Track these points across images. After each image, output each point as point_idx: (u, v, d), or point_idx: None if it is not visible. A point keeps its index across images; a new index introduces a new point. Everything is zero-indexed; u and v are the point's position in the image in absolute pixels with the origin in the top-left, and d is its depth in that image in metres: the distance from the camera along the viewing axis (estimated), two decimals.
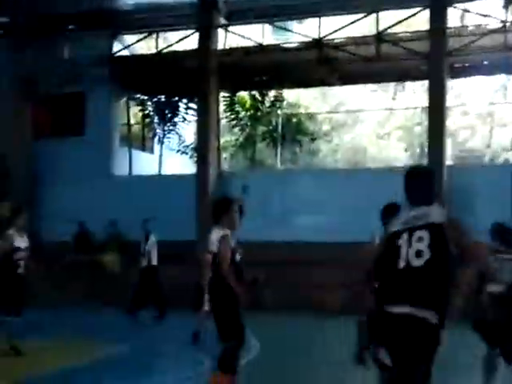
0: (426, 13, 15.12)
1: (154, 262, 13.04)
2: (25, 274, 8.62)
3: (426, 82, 14.93)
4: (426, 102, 14.64)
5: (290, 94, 19.28)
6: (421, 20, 15.85)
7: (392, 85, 18.99)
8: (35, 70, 17.43)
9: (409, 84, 17.50)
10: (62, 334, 10.19)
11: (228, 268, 6.06)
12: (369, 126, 23.78)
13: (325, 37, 15.73)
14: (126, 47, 17.33)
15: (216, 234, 6.26)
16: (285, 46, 16.36)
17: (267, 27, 17.26)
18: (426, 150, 14.77)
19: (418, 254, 4.08)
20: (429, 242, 4.08)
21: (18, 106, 17.26)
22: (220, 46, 16.68)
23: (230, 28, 16.98)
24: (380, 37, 15.25)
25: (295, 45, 16.27)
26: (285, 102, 18.52)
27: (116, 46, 17.46)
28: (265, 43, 16.22)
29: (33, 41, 17.39)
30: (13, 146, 17.22)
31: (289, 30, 16.31)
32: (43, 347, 9.30)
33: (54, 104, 18.17)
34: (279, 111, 18.32)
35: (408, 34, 15.33)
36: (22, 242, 8.58)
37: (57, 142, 17.71)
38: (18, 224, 8.55)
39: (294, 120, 19.10)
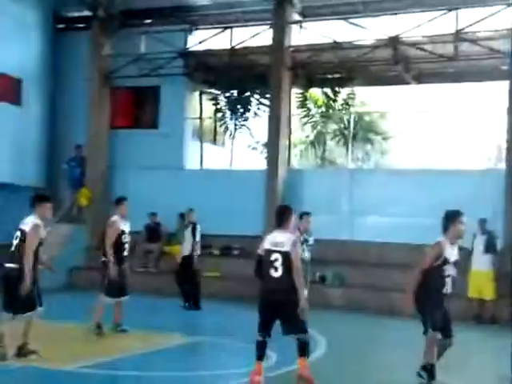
0: (508, 11, 14.66)
1: (198, 251, 13.33)
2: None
3: (506, 83, 14.45)
4: (506, 103, 14.16)
5: (363, 92, 19.07)
6: (502, 18, 15.35)
7: (470, 85, 18.47)
8: (113, 62, 17.93)
9: (488, 84, 16.98)
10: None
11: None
12: (443, 126, 23.30)
13: (401, 34, 15.47)
14: (200, 42, 17.53)
15: (283, 236, 7.17)
16: (359, 43, 16.16)
17: (341, 24, 17.09)
18: (505, 153, 14.31)
19: None
20: None
21: (96, 98, 17.76)
22: (293, 43, 16.65)
23: (304, 24, 16.92)
24: (459, 35, 14.87)
25: (370, 42, 16.06)
26: (357, 100, 18.35)
27: (191, 41, 17.69)
28: (339, 40, 16.06)
29: (112, 35, 17.87)
30: (90, 136, 17.74)
31: (363, 27, 16.09)
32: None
33: (131, 97, 18.62)
34: (351, 109, 18.17)
35: (488, 33, 14.88)
36: (125, 227, 9.91)
37: (132, 133, 18.12)
38: (120, 211, 9.95)
39: (366, 118, 18.89)
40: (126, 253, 9.99)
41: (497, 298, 12.83)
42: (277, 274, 7.05)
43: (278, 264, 7.03)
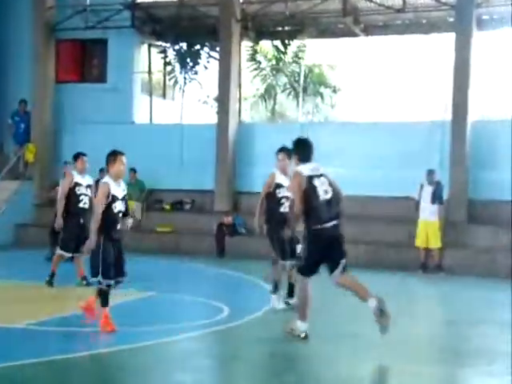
0: None
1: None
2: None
3: (453, 35, 14.59)
4: (452, 55, 14.33)
5: (313, 45, 19.00)
6: None
7: (418, 37, 18.56)
8: (57, 14, 17.37)
9: (435, 36, 17.10)
10: None
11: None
12: (392, 78, 23.44)
13: None
14: None
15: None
16: None
17: None
18: (451, 104, 14.55)
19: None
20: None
21: (40, 51, 17.24)
22: None
23: None
24: None
25: None
26: (307, 53, 18.30)
27: None
28: None
29: None
30: (35, 90, 17.27)
31: None
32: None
33: (77, 50, 18.13)
34: (301, 62, 18.12)
35: None
36: (81, 179, 10.00)
37: (79, 87, 17.72)
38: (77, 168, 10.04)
39: (316, 71, 18.88)
40: (81, 205, 9.89)
41: (442, 247, 13.25)
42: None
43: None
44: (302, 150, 7.20)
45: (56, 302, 9.12)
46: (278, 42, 17.75)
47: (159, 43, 18.44)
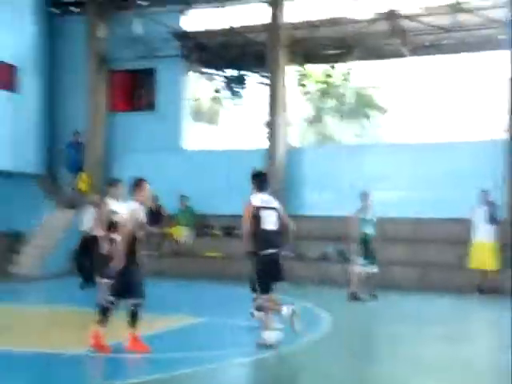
0: None
1: None
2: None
3: (506, 52, 14.33)
4: (508, 73, 14.04)
5: (360, 67, 18.95)
6: None
7: (468, 56, 18.33)
8: (109, 46, 17.83)
9: (486, 55, 16.82)
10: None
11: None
12: (441, 98, 23.17)
13: (397, 7, 15.35)
14: (195, 22, 17.40)
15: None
16: (356, 17, 16.02)
17: None
18: (506, 123, 14.23)
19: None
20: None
21: (93, 82, 17.69)
22: (290, 20, 16.52)
23: (301, 1, 16.77)
24: (456, 6, 14.75)
25: (367, 16, 15.91)
26: (354, 75, 18.25)
27: (186, 22, 17.56)
28: (335, 15, 15.94)
29: (108, 18, 17.75)
30: (88, 120, 17.69)
31: (360, 1, 15.93)
32: None
33: (128, 80, 18.52)
34: (349, 84, 18.08)
35: (485, 2, 14.74)
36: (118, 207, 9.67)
37: (129, 116, 18.07)
38: (112, 194, 9.77)
39: (364, 93, 18.80)
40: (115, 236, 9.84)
41: (499, 269, 12.89)
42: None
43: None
44: (258, 181, 8.10)
45: (111, 328, 9.19)
46: (325, 66, 17.75)
47: (207, 70, 18.68)
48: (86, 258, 13.10)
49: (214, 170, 16.74)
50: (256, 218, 7.79)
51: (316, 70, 18.19)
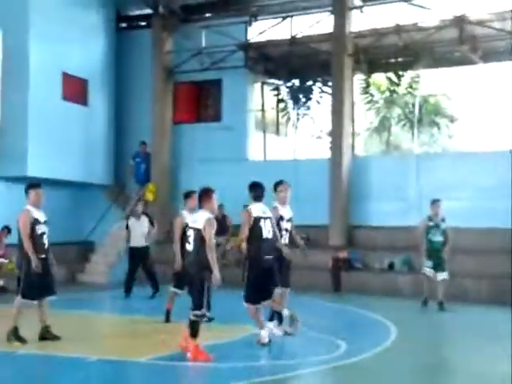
0: None
1: None
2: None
3: None
4: None
5: (428, 75, 18.62)
6: None
7: None
8: (175, 58, 18.14)
9: None
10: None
11: None
12: None
13: (466, 13, 15.00)
14: (260, 33, 17.51)
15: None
16: (423, 25, 15.76)
17: (404, 6, 16.71)
18: None
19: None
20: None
21: (159, 94, 18.02)
22: (355, 28, 16.41)
23: (365, 9, 16.64)
24: None
25: (434, 23, 15.63)
26: (422, 83, 17.94)
27: (251, 33, 17.69)
28: (401, 23, 15.73)
29: (173, 30, 18.09)
30: (154, 132, 18.02)
31: (427, 8, 15.68)
32: None
33: (193, 91, 18.77)
34: (416, 93, 17.78)
35: None
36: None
37: (195, 127, 18.29)
38: (188, 205, 9.95)
39: (432, 101, 18.44)
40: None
41: None
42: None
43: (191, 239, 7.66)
44: (255, 191, 8.89)
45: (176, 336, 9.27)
46: (391, 74, 17.53)
47: (272, 81, 18.76)
48: (135, 269, 13.58)
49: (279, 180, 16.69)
50: (255, 227, 8.33)
51: (381, 78, 17.96)
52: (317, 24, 16.78)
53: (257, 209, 8.56)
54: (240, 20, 17.58)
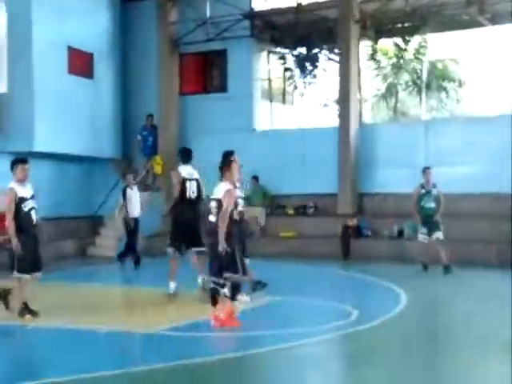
0: None
1: None
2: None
3: None
4: None
5: (435, 39, 18.38)
6: None
7: None
8: (180, 29, 17.99)
9: None
10: None
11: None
12: None
13: None
14: (266, 1, 17.31)
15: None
16: None
17: None
18: None
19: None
20: None
21: (165, 65, 17.91)
22: None
23: None
24: None
25: None
26: (429, 48, 17.72)
27: (256, 2, 17.48)
28: None
29: (178, 1, 17.90)
30: (160, 104, 17.95)
31: None
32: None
33: (199, 62, 18.67)
34: (423, 58, 17.58)
35: None
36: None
37: (201, 98, 18.21)
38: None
39: (439, 66, 18.23)
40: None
41: None
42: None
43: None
44: (183, 155, 10.05)
45: (183, 307, 9.34)
46: (398, 40, 17.33)
47: (278, 50, 18.59)
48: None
49: (286, 150, 16.68)
50: (182, 188, 9.78)
51: (388, 44, 17.75)
52: None
53: (184, 171, 9.81)
54: None
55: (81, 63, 17.10)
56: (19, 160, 8.62)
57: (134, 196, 14.05)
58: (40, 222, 8.75)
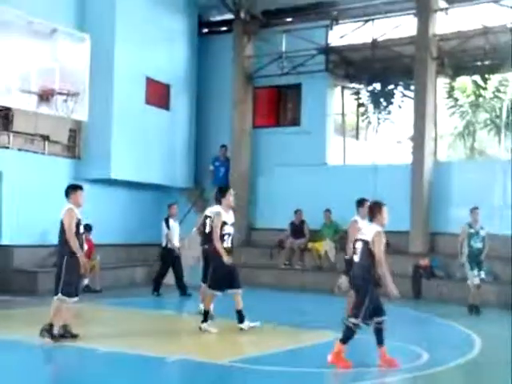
0: None
1: None
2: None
3: None
4: None
5: None
6: None
7: None
8: (255, 62, 18.24)
9: None
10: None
11: None
12: None
13: None
14: (341, 37, 17.37)
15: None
16: (510, 26, 15.21)
17: (491, 7, 16.19)
18: None
19: None
20: None
21: (239, 98, 18.14)
22: (438, 31, 16.02)
23: (450, 11, 16.23)
24: None
25: None
26: (510, 87, 17.30)
27: (332, 37, 17.56)
28: (488, 25, 15.24)
29: (254, 35, 18.19)
30: (234, 136, 18.16)
31: None
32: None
33: (273, 95, 18.84)
34: (504, 97, 17.17)
35: None
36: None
37: (274, 132, 18.31)
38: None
39: None
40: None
41: None
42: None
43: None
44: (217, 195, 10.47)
45: (250, 338, 9.25)
46: (476, 77, 17.01)
47: (352, 85, 18.54)
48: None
49: (358, 185, 16.45)
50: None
51: (467, 81, 17.44)
52: (399, 27, 16.50)
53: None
54: (321, 24, 17.47)
55: (158, 94, 17.53)
56: (78, 186, 8.95)
57: (176, 227, 14.42)
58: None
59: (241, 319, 9.48)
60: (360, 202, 10.36)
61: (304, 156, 17.41)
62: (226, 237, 9.68)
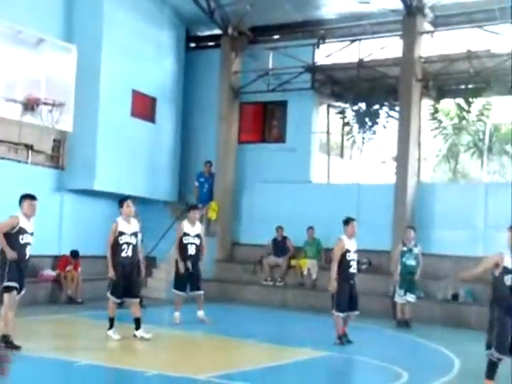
0: None
1: None
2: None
3: None
4: None
5: (500, 102, 18.17)
6: None
7: None
8: (242, 78, 18.31)
9: None
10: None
11: None
12: None
13: None
14: (328, 56, 17.50)
15: None
16: (495, 51, 15.43)
17: (476, 32, 16.42)
18: None
19: None
20: None
21: (225, 114, 18.17)
22: (424, 53, 16.21)
23: (436, 34, 16.44)
24: None
25: (507, 50, 15.27)
26: (494, 111, 17.50)
27: (318, 55, 17.68)
28: (473, 49, 15.45)
29: (241, 51, 18.27)
30: (219, 151, 18.16)
31: (500, 34, 15.35)
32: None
33: (259, 112, 18.91)
34: (487, 120, 17.37)
35: None
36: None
37: (259, 148, 18.35)
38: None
39: (504, 130, 17.97)
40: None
41: None
42: None
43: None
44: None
45: (229, 354, 9.20)
46: (460, 100, 17.21)
47: (338, 104, 18.66)
48: None
49: (341, 204, 16.53)
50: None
51: (450, 104, 17.63)
52: (385, 48, 16.67)
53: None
54: (308, 42, 17.60)
55: (144, 106, 17.53)
56: (28, 196, 8.95)
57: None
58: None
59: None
60: (346, 222, 10.74)
61: (288, 173, 17.46)
62: (124, 246, 10.14)
